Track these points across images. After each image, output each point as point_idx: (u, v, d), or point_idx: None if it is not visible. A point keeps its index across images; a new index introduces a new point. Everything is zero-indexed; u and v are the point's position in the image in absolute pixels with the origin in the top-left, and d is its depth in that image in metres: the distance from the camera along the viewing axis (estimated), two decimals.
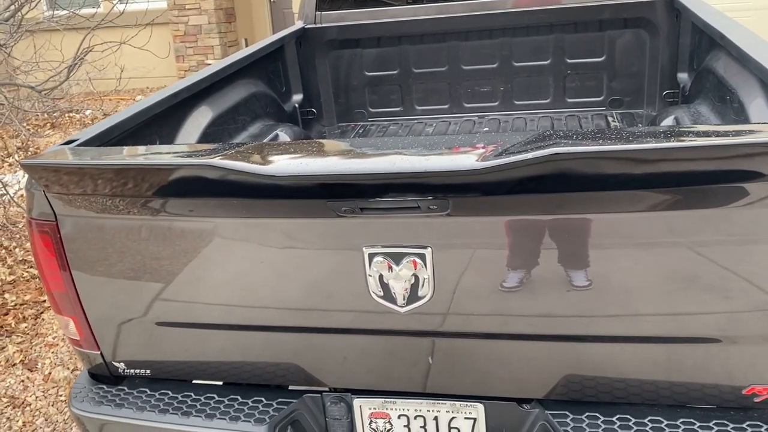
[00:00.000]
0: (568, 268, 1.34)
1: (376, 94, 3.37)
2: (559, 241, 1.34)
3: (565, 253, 1.33)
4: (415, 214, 1.33)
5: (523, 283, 1.37)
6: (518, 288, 1.38)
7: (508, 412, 1.55)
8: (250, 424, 1.60)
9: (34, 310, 3.60)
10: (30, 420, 2.75)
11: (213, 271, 1.52)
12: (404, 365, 1.54)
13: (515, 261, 1.37)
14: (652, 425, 1.43)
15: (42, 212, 1.59)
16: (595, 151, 1.14)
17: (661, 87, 2.99)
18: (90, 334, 1.70)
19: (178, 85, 2.22)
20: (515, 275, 1.38)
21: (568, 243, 1.33)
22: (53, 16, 4.20)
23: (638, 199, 1.24)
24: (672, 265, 1.29)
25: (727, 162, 1.16)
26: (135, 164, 1.42)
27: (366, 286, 1.41)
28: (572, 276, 1.34)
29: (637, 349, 1.39)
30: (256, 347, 1.63)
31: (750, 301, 1.28)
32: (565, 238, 1.33)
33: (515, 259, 1.37)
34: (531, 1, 3.10)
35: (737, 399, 1.40)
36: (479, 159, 1.18)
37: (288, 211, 1.40)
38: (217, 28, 9.46)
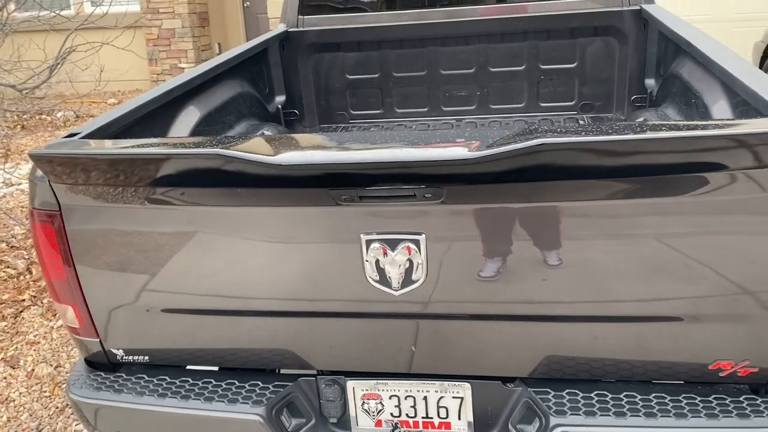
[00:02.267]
0: (551, 253, 1.45)
1: (356, 97, 3.45)
2: (543, 228, 1.44)
3: (549, 239, 1.44)
4: (410, 202, 1.42)
5: (509, 268, 1.47)
6: (506, 272, 1.48)
7: (493, 390, 1.65)
8: (248, 406, 1.66)
9: (14, 309, 3.58)
10: (14, 415, 2.76)
11: (215, 258, 1.58)
12: (397, 347, 1.62)
13: (504, 247, 1.47)
14: (627, 400, 1.54)
15: (45, 202, 1.63)
16: (578, 142, 1.25)
17: (630, 92, 3.14)
18: (90, 322, 1.75)
19: (171, 83, 2.28)
20: (503, 261, 1.48)
21: (552, 230, 1.43)
22: (38, 16, 4.20)
23: (615, 187, 1.35)
24: (643, 249, 1.41)
25: (691, 154, 1.28)
26: (146, 154, 1.48)
27: (363, 271, 1.50)
28: (554, 260, 1.45)
29: (611, 329, 1.50)
30: (253, 333, 1.69)
31: (710, 283, 1.40)
32: (548, 225, 1.43)
33: (504, 245, 1.47)
34: (507, 9, 3.24)
35: (704, 374, 1.52)
36: (471, 150, 1.28)
37: (290, 199, 1.48)
38: (190, 32, 9.46)
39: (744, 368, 1.49)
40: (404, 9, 3.32)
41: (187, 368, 1.81)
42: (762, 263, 1.37)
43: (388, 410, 1.71)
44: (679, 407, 1.51)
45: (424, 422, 1.71)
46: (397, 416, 1.71)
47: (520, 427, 1.62)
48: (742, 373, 1.50)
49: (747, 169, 1.28)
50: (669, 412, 1.50)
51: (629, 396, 1.56)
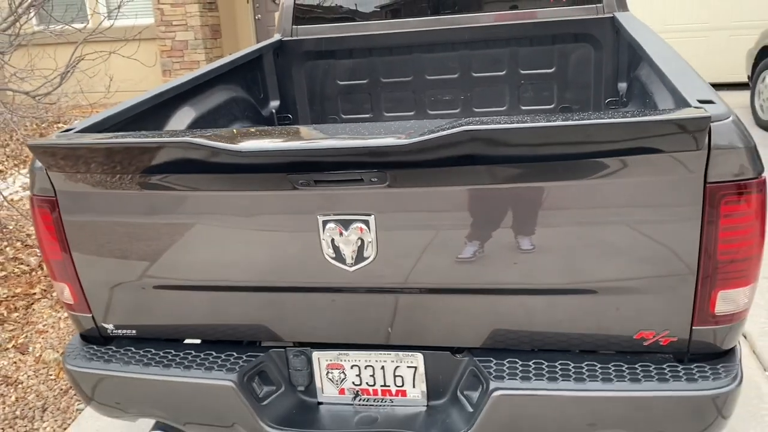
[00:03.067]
0: (485, 232, 1.61)
1: (348, 102, 3.64)
2: (478, 209, 1.60)
3: (483, 218, 1.60)
4: (359, 186, 1.59)
5: (450, 245, 1.64)
6: (446, 249, 1.64)
7: (443, 360, 1.81)
8: (222, 373, 1.84)
9: (25, 301, 3.81)
10: (22, 396, 2.96)
11: (191, 238, 1.77)
12: (355, 320, 1.79)
13: (445, 226, 1.63)
14: (561, 367, 1.70)
15: (42, 188, 1.82)
16: (495, 129, 1.42)
17: (605, 95, 3.30)
18: (83, 299, 1.94)
19: (164, 86, 2.48)
20: (445, 239, 1.64)
21: (485, 210, 1.60)
22: (48, 28, 4.46)
23: (535, 171, 1.52)
24: (561, 227, 1.57)
25: (594, 143, 1.44)
26: (123, 143, 1.67)
27: (320, 249, 1.67)
28: (488, 238, 1.61)
29: (541, 301, 1.65)
30: (227, 308, 1.87)
31: (631, 258, 1.56)
32: (482, 206, 1.60)
33: (445, 225, 1.63)
34: (488, 18, 3.42)
35: (631, 344, 1.67)
36: (404, 138, 1.46)
37: (253, 184, 1.66)
38: (203, 43, 9.75)
39: (665, 338, 1.64)
40: (392, 18, 3.52)
41: (171, 341, 2.00)
42: (669, 239, 1.53)
43: (350, 379, 1.88)
44: (606, 373, 1.66)
45: (382, 390, 1.87)
46: (358, 385, 1.88)
47: (467, 393, 1.78)
48: (664, 342, 1.65)
49: (646, 153, 1.44)
50: (597, 377, 1.65)
51: (563, 365, 1.71)
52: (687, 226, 1.52)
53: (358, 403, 1.88)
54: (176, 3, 9.60)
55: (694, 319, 1.61)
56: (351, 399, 1.89)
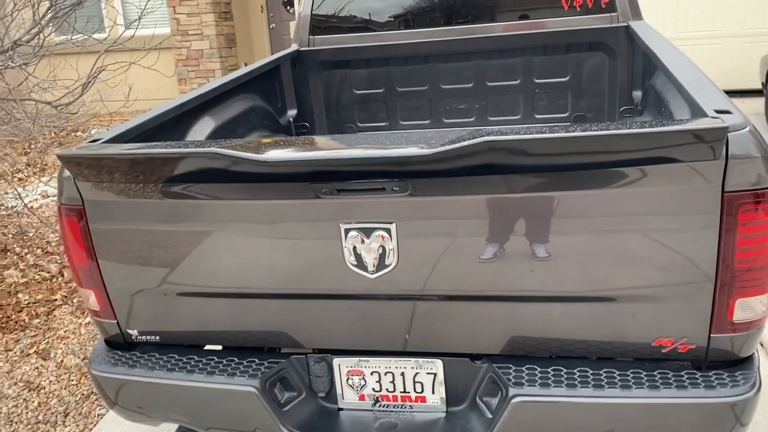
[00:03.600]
0: (507, 240, 1.63)
1: (364, 111, 3.68)
2: (500, 217, 1.63)
3: (505, 227, 1.63)
4: (382, 195, 1.63)
5: (471, 253, 1.66)
6: (468, 257, 1.67)
7: (462, 367, 1.83)
8: (244, 379, 1.87)
9: (46, 308, 3.87)
10: (45, 401, 3.01)
11: (215, 246, 1.80)
12: (375, 327, 1.82)
13: (466, 234, 1.66)
14: (580, 374, 1.72)
15: (70, 197, 1.87)
16: (517, 140, 1.45)
17: (620, 104, 3.31)
18: (108, 305, 1.98)
19: (186, 96, 2.53)
20: (466, 247, 1.67)
21: (508, 219, 1.62)
22: (71, 39, 4.55)
23: (556, 180, 1.54)
24: (588, 237, 1.59)
25: (613, 153, 1.46)
26: (152, 153, 1.71)
27: (343, 257, 1.70)
28: (510, 246, 1.64)
29: (560, 309, 1.68)
30: (249, 314, 1.90)
31: (649, 266, 1.58)
32: (504, 215, 1.62)
33: (466, 233, 1.66)
34: (503, 28, 3.45)
35: (649, 351, 1.69)
36: (426, 147, 1.49)
37: (278, 193, 1.70)
38: (218, 52, 9.86)
39: (683, 345, 1.66)
40: (408, 28, 3.56)
41: (194, 347, 2.03)
42: (687, 248, 1.55)
43: (370, 385, 1.90)
44: (625, 380, 1.68)
45: (402, 396, 1.90)
46: (378, 391, 1.90)
47: (486, 399, 1.80)
48: (682, 349, 1.66)
49: (664, 163, 1.47)
50: (616, 384, 1.67)
51: (582, 371, 1.72)
52: (705, 234, 1.53)
53: (378, 409, 1.91)
54: (192, 13, 9.73)
55: (712, 327, 1.62)
56: (371, 405, 1.91)
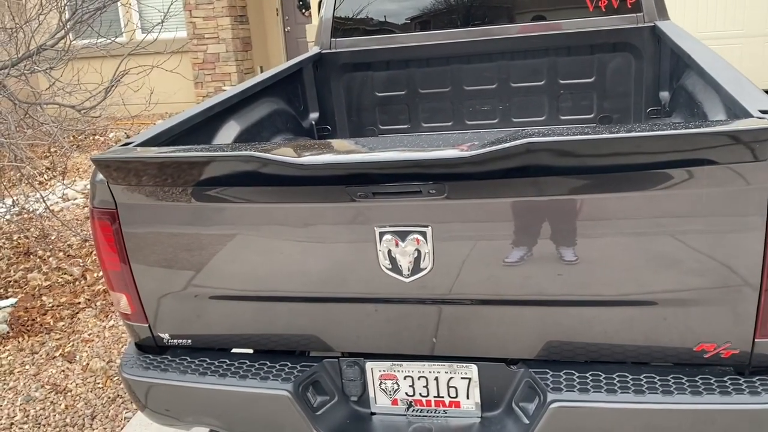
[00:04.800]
0: (547, 244, 1.61)
1: (385, 113, 3.66)
2: (539, 220, 1.61)
3: (544, 230, 1.60)
4: (417, 198, 1.61)
5: (509, 257, 1.64)
6: (505, 260, 1.65)
7: (498, 372, 1.80)
8: (278, 383, 1.86)
9: (70, 310, 3.89)
10: (71, 404, 3.02)
11: (248, 250, 1.80)
12: (409, 331, 1.80)
13: (504, 238, 1.64)
14: (619, 379, 1.69)
15: (103, 201, 1.87)
16: (559, 141, 1.43)
17: (646, 105, 3.27)
18: (140, 309, 1.97)
19: (212, 100, 2.53)
20: (503, 250, 1.65)
21: (547, 222, 1.60)
22: (96, 42, 4.58)
23: (597, 182, 1.52)
24: (629, 240, 1.56)
25: (655, 153, 1.44)
26: (187, 157, 1.71)
27: (377, 260, 1.69)
28: (549, 250, 1.61)
29: (600, 313, 1.65)
30: (282, 318, 1.89)
31: (691, 270, 1.55)
32: (543, 218, 1.60)
33: (504, 236, 1.64)
34: (527, 28, 3.42)
35: (690, 356, 1.66)
36: (464, 150, 1.47)
37: (313, 196, 1.69)
38: (234, 56, 9.90)
39: (726, 350, 1.62)
40: (429, 30, 3.54)
41: (224, 351, 2.03)
42: (731, 251, 1.52)
43: (403, 390, 1.88)
44: (666, 386, 1.65)
45: (436, 401, 1.87)
46: (412, 395, 1.88)
47: (522, 405, 1.78)
48: (725, 354, 1.63)
49: (712, 165, 1.44)
50: (657, 390, 1.64)
51: (621, 376, 1.70)
52: (750, 237, 1.50)
53: (411, 413, 1.89)
54: (208, 16, 9.77)
55: (756, 332, 1.58)
56: (404, 410, 1.89)
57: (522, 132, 1.51)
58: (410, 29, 3.61)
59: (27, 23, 3.97)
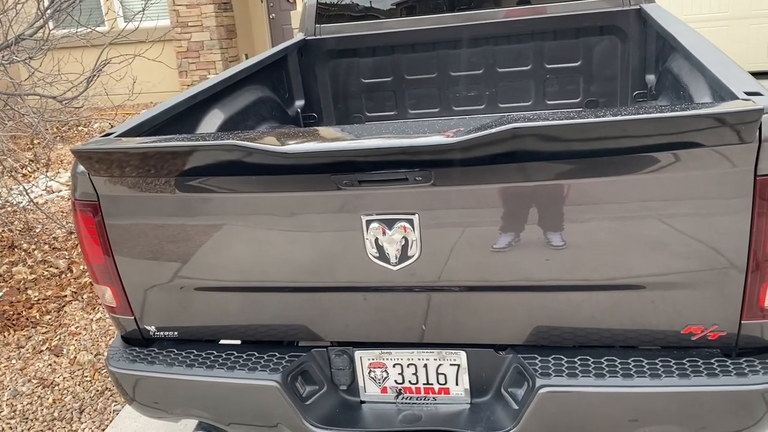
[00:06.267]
0: (533, 229, 1.60)
1: (372, 100, 3.63)
2: (526, 206, 1.60)
3: (531, 216, 1.60)
4: (404, 185, 1.60)
5: (495, 243, 1.64)
6: (493, 247, 1.64)
7: (486, 358, 1.80)
8: (266, 374, 1.84)
9: (56, 304, 3.85)
10: (59, 398, 3.00)
11: (233, 240, 1.78)
12: (398, 319, 1.79)
13: (490, 224, 1.63)
14: (608, 364, 1.69)
15: (85, 193, 1.84)
16: (545, 126, 1.42)
17: (632, 88, 3.27)
18: (125, 302, 1.95)
19: (195, 89, 2.49)
20: (490, 237, 1.64)
21: (533, 207, 1.59)
22: (76, 32, 4.51)
23: (584, 167, 1.51)
24: (616, 224, 1.56)
25: (639, 137, 1.43)
26: (171, 147, 1.68)
27: (364, 248, 1.67)
28: (536, 235, 1.60)
29: (586, 297, 1.65)
30: (270, 308, 1.88)
31: (678, 253, 1.55)
32: (529, 203, 1.59)
33: (491, 223, 1.63)
34: (512, 12, 3.40)
35: (678, 339, 1.66)
36: (450, 136, 1.45)
37: (297, 185, 1.67)
38: (218, 44, 9.79)
39: (713, 332, 1.63)
40: (415, 15, 3.51)
41: (212, 342, 2.01)
42: (718, 233, 1.52)
43: (392, 378, 1.88)
44: (654, 369, 1.65)
45: (425, 388, 1.87)
46: (401, 383, 1.88)
47: (511, 390, 1.78)
48: (712, 336, 1.64)
49: (698, 147, 1.43)
50: (645, 373, 1.64)
51: (609, 360, 1.70)
52: (736, 219, 1.50)
53: (400, 401, 1.89)
54: (191, 4, 9.65)
55: (743, 314, 1.59)
56: (394, 397, 1.89)
57: (508, 117, 1.49)
58: (396, 14, 3.58)
59: (4, 13, 3.90)
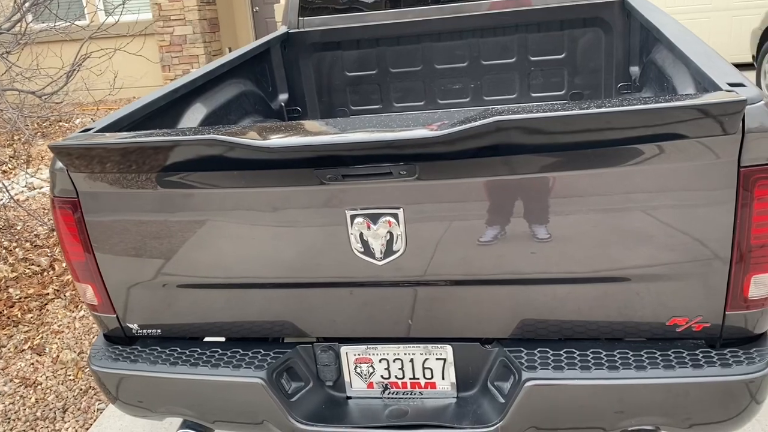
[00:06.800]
0: (518, 223, 1.59)
1: (356, 93, 3.61)
2: (511, 199, 1.59)
3: (516, 209, 1.59)
4: (388, 179, 1.58)
5: (481, 237, 1.63)
6: (479, 240, 1.63)
7: (473, 351, 1.80)
8: (251, 371, 1.83)
9: (38, 302, 3.80)
10: (42, 397, 2.96)
11: (216, 236, 1.75)
12: (383, 314, 1.78)
13: (476, 218, 1.62)
14: (593, 356, 1.69)
15: (64, 190, 1.81)
16: (529, 118, 1.41)
17: (617, 80, 3.27)
18: (107, 300, 1.92)
19: (176, 83, 2.46)
20: (476, 230, 1.63)
21: (518, 200, 1.58)
22: (55, 26, 4.43)
23: (567, 160, 1.50)
24: (600, 217, 1.55)
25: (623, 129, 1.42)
26: (151, 142, 1.65)
27: (349, 243, 1.66)
28: (521, 229, 1.60)
29: (572, 290, 1.64)
30: (254, 305, 1.86)
31: (663, 245, 1.55)
32: (514, 197, 1.58)
33: (476, 216, 1.62)
34: (496, 5, 3.38)
35: (663, 331, 1.66)
36: (434, 129, 1.44)
37: (280, 180, 1.64)
38: (201, 37, 9.70)
39: (698, 323, 1.63)
40: (400, 7, 3.48)
41: (196, 340, 1.99)
42: (702, 225, 1.52)
43: (378, 373, 1.87)
44: (640, 361, 1.65)
45: (411, 383, 1.86)
46: (387, 378, 1.87)
47: (498, 384, 1.78)
48: (697, 328, 1.64)
49: (682, 139, 1.43)
50: (630, 365, 1.65)
51: (595, 353, 1.70)
52: (720, 210, 1.50)
53: (387, 396, 1.88)
54: None
55: (727, 305, 1.60)
56: (380, 393, 1.88)
57: (491, 110, 1.48)
58: (380, 7, 3.55)
59: None
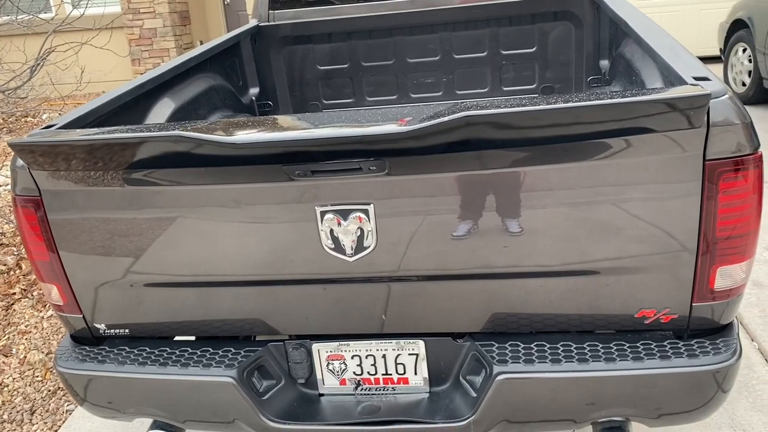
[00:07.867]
0: (487, 217, 1.59)
1: (329, 87, 3.59)
2: (480, 194, 1.59)
3: (484, 204, 1.59)
4: (358, 175, 1.57)
5: (451, 232, 1.62)
6: (448, 236, 1.63)
7: (445, 346, 1.80)
8: (221, 370, 1.81)
9: (5, 302, 3.72)
10: (9, 399, 2.89)
11: (184, 234, 1.72)
12: (355, 310, 1.77)
13: (445, 213, 1.62)
14: (563, 348, 1.70)
15: (25, 187, 1.76)
16: (497, 113, 1.40)
17: (587, 73, 3.30)
18: (73, 299, 1.88)
19: (143, 77, 2.41)
20: (446, 225, 1.62)
21: (487, 195, 1.58)
22: (16, 19, 4.32)
23: (535, 154, 1.50)
24: (569, 210, 1.56)
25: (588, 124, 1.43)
26: (111, 139, 1.61)
27: (319, 240, 1.64)
28: (490, 223, 1.60)
29: (541, 284, 1.65)
30: (224, 303, 1.83)
31: (632, 237, 1.56)
32: (483, 191, 1.58)
33: (446, 212, 1.61)
34: None
35: (632, 323, 1.68)
36: (404, 124, 1.43)
37: (248, 176, 1.62)
38: (171, 30, 9.55)
39: (666, 315, 1.65)
40: (371, 1, 3.46)
41: (165, 339, 1.96)
42: (669, 218, 1.53)
43: (351, 369, 1.86)
44: (609, 353, 1.67)
45: (384, 379, 1.86)
46: (360, 374, 1.86)
47: (470, 378, 1.78)
48: (665, 319, 1.66)
49: (649, 133, 1.44)
50: (600, 357, 1.66)
51: (565, 345, 1.71)
52: (686, 203, 1.52)
53: (359, 392, 1.87)
54: None
55: (694, 296, 1.62)
56: (353, 389, 1.87)
57: (461, 105, 1.47)
58: (351, 0, 3.52)
59: None
